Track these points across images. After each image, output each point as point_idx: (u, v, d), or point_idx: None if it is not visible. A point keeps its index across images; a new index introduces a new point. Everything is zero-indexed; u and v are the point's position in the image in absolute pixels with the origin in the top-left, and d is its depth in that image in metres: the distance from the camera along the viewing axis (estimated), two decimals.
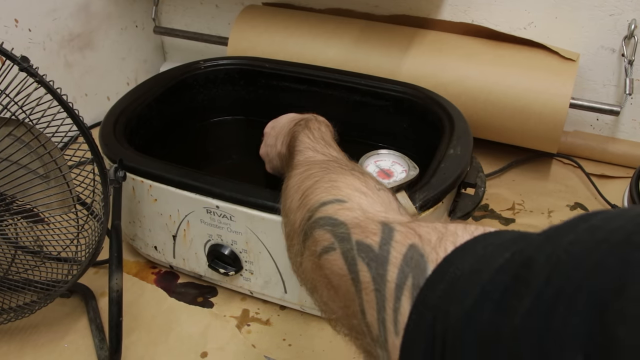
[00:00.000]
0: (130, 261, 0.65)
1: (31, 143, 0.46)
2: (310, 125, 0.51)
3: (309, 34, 0.83)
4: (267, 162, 0.62)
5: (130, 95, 0.69)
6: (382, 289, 0.27)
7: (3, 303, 0.53)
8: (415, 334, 0.24)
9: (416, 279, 0.25)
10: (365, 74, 0.73)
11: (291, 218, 0.39)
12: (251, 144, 0.67)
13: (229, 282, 0.59)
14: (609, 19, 0.75)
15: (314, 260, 0.34)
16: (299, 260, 0.37)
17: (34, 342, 0.55)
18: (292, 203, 0.39)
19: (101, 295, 0.60)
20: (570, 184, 0.78)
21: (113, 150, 0.58)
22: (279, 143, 0.56)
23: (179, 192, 0.55)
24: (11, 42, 0.66)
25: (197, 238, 0.57)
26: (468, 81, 0.74)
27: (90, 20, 0.88)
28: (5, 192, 0.47)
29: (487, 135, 0.78)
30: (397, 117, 0.71)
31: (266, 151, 0.61)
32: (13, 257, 0.52)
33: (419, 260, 0.26)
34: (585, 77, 0.80)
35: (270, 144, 0.59)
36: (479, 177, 0.60)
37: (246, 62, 0.78)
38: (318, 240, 0.34)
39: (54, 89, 0.45)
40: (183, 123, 0.76)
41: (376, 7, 0.87)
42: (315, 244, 0.34)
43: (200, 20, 1.02)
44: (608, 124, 0.83)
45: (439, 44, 0.79)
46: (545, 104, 0.71)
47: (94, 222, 0.51)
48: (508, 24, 0.81)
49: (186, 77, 0.75)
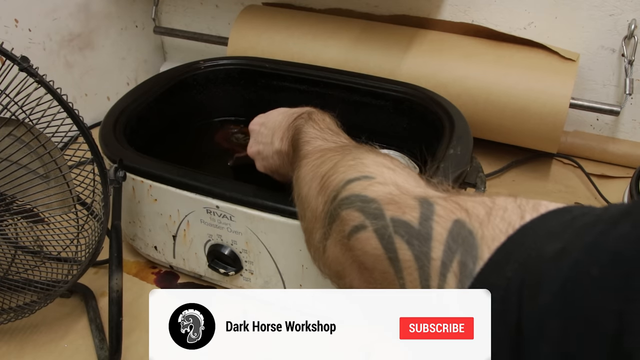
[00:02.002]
0: (130, 261, 0.65)
1: (31, 143, 0.46)
2: (314, 117, 0.48)
3: (309, 34, 0.83)
4: (260, 160, 0.57)
5: (130, 95, 0.69)
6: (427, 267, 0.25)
7: (3, 303, 0.53)
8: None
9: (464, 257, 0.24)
10: (365, 74, 0.73)
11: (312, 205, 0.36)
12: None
13: (229, 282, 0.59)
14: (609, 19, 0.75)
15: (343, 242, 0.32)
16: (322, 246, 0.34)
17: (34, 342, 0.55)
18: (311, 190, 0.37)
19: (101, 295, 0.60)
20: (570, 184, 0.78)
21: (113, 150, 0.58)
22: (276, 140, 0.52)
23: (179, 192, 0.55)
24: (11, 42, 0.66)
25: (197, 238, 0.57)
26: (468, 81, 0.74)
27: (90, 20, 0.88)
28: (5, 192, 0.47)
29: (487, 135, 0.78)
30: (397, 117, 0.71)
31: (258, 149, 0.56)
32: (13, 257, 0.52)
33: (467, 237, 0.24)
34: (585, 77, 0.80)
35: (265, 142, 0.55)
36: (479, 177, 0.60)
37: (246, 62, 0.78)
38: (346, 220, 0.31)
39: (54, 89, 0.45)
40: (183, 123, 0.76)
41: (376, 7, 0.87)
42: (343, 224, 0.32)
43: (200, 20, 1.02)
44: (608, 124, 0.83)
45: (439, 44, 0.79)
46: (545, 104, 0.71)
47: (94, 222, 0.51)
48: (508, 24, 0.81)
49: (186, 77, 0.75)
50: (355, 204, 0.31)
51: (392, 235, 0.28)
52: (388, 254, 0.28)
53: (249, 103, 0.78)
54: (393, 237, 0.28)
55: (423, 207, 0.28)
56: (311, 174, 0.38)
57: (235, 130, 0.77)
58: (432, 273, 0.25)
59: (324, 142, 0.43)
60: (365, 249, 0.29)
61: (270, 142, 0.54)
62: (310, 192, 0.37)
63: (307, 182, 0.38)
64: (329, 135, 0.44)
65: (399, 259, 0.27)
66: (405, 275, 0.27)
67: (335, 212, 0.33)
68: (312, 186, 0.37)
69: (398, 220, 0.28)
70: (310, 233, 0.37)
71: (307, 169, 0.39)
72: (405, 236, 0.27)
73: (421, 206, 0.28)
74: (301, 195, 0.39)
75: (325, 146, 0.42)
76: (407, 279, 0.27)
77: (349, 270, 0.32)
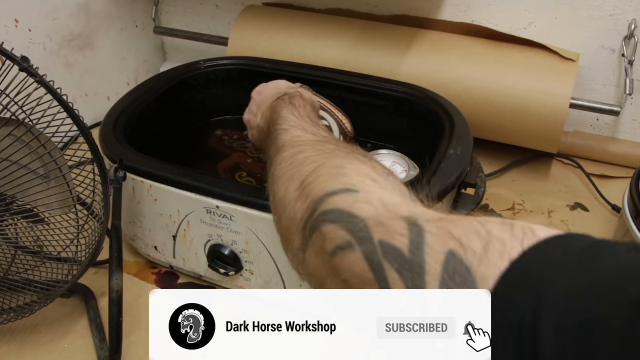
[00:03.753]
0: (130, 261, 0.65)
1: (31, 143, 0.46)
2: (295, 102, 0.46)
3: (309, 34, 0.83)
4: (249, 129, 0.56)
5: (130, 95, 0.69)
6: None
7: (3, 303, 0.53)
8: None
9: None
10: (365, 74, 0.73)
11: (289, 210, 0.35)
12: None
13: (229, 282, 0.59)
14: (609, 19, 0.75)
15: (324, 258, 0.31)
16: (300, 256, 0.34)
17: (34, 342, 0.55)
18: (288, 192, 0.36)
19: (101, 295, 0.60)
20: (570, 184, 0.78)
21: (113, 150, 0.58)
22: (259, 114, 0.51)
23: (179, 192, 0.55)
24: (11, 42, 0.66)
25: (197, 238, 0.57)
26: (468, 81, 0.74)
27: (90, 20, 0.88)
28: (5, 192, 0.47)
29: (487, 135, 0.78)
30: (397, 117, 0.71)
31: (248, 118, 0.55)
32: (13, 257, 0.52)
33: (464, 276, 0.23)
34: (585, 77, 0.80)
35: (254, 112, 0.53)
36: (479, 177, 0.60)
37: (246, 62, 0.78)
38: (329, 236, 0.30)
39: (54, 89, 0.45)
40: (183, 123, 0.76)
41: (376, 7, 0.87)
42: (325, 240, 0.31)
43: (200, 20, 1.02)
44: (608, 124, 0.83)
45: (439, 44, 0.79)
46: (545, 104, 0.71)
47: (94, 222, 0.51)
48: (508, 24, 0.81)
49: (186, 77, 0.75)
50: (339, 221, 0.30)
51: (381, 260, 0.27)
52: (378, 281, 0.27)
53: (249, 103, 0.78)
54: (382, 263, 0.27)
55: (412, 233, 0.26)
56: (289, 172, 0.37)
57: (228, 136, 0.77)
58: None
59: (303, 133, 0.41)
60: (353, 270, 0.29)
61: (255, 114, 0.53)
62: (288, 194, 0.36)
63: (285, 181, 0.37)
64: (307, 125, 0.43)
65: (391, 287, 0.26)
66: None
67: (317, 223, 0.32)
68: (290, 188, 0.36)
69: (387, 244, 0.27)
70: (288, 240, 0.36)
71: (284, 166, 0.38)
72: (394, 264, 0.26)
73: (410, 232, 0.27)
74: (278, 195, 0.37)
75: (303, 138, 0.40)
76: None
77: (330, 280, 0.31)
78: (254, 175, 0.68)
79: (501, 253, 0.22)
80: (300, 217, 0.34)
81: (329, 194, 0.32)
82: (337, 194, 0.32)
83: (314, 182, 0.34)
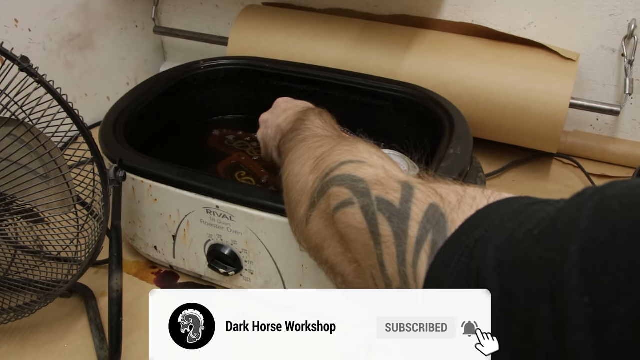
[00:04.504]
0: (130, 261, 0.65)
1: (31, 143, 0.46)
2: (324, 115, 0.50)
3: (309, 34, 0.83)
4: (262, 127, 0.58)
5: (130, 95, 0.69)
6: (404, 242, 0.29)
7: (3, 303, 0.53)
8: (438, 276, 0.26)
9: (436, 236, 0.27)
10: (365, 74, 0.73)
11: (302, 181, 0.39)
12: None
13: (229, 282, 0.59)
14: (609, 19, 0.75)
15: (328, 215, 0.35)
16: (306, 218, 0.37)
17: (34, 342, 0.55)
18: (304, 168, 0.40)
19: (101, 295, 0.60)
20: (570, 184, 0.78)
21: (113, 150, 0.58)
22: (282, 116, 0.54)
23: (179, 192, 0.55)
24: (11, 42, 0.66)
25: (197, 238, 0.57)
26: (468, 81, 0.74)
27: (90, 20, 0.88)
28: (5, 192, 0.47)
29: (487, 135, 0.78)
30: (397, 117, 0.71)
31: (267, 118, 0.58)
32: (13, 257, 0.52)
33: (439, 219, 0.28)
34: (585, 77, 0.80)
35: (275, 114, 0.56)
36: (479, 177, 0.60)
37: (246, 62, 0.78)
38: (335, 195, 0.34)
39: (54, 89, 0.45)
40: (183, 123, 0.76)
41: (376, 7, 0.87)
42: (330, 199, 0.35)
43: (200, 20, 1.02)
44: (608, 124, 0.83)
45: (439, 44, 0.79)
46: (545, 104, 0.71)
47: (94, 222, 0.51)
48: (508, 24, 0.81)
49: (186, 77, 0.75)
50: (345, 182, 0.35)
51: (376, 212, 0.31)
52: (370, 228, 0.31)
53: (248, 103, 0.78)
54: (376, 213, 0.31)
55: (404, 190, 0.31)
56: (307, 154, 0.41)
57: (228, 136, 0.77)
58: (408, 249, 0.28)
59: (324, 132, 0.46)
60: (350, 222, 0.33)
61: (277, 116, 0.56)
62: (303, 169, 0.40)
63: (302, 161, 0.41)
64: (330, 129, 0.47)
65: (380, 234, 0.30)
66: (384, 248, 0.30)
67: (326, 186, 0.36)
68: (306, 165, 0.40)
69: (382, 199, 0.31)
70: (296, 206, 0.39)
71: (303, 151, 0.42)
72: (386, 214, 0.30)
73: (403, 189, 0.31)
74: (292, 173, 0.41)
75: (324, 134, 0.45)
76: (385, 252, 0.30)
77: (330, 241, 0.35)
78: (254, 175, 0.68)
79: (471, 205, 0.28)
80: (311, 185, 0.38)
81: (341, 164, 0.37)
82: (347, 163, 0.36)
83: (329, 157, 0.38)
